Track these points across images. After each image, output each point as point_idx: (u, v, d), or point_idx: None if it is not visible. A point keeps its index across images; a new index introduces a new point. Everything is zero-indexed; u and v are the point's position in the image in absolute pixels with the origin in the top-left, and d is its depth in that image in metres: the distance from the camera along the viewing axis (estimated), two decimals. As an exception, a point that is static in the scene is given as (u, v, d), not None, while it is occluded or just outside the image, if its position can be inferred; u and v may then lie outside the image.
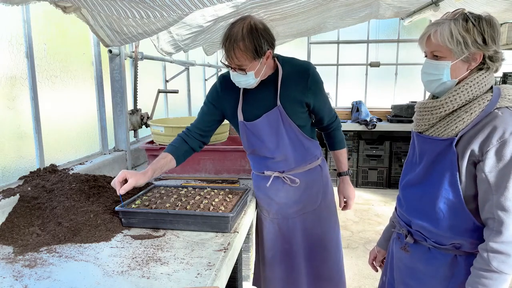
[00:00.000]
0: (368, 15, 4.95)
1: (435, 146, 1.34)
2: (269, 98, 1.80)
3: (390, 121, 5.54)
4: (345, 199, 2.11)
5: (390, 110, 5.78)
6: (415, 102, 5.82)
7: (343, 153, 2.08)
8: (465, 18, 1.25)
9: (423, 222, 1.39)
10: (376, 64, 6.13)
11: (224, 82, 1.86)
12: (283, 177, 1.90)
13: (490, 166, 1.20)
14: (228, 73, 1.83)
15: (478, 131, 1.23)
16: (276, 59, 1.83)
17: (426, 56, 1.34)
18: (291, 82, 1.79)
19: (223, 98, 1.87)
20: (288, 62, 1.84)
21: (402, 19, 5.47)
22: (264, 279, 2.08)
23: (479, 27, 1.23)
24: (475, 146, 1.23)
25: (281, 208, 1.95)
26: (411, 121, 6.25)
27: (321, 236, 2.00)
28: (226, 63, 1.67)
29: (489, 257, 1.19)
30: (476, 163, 1.25)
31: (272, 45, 1.69)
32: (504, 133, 1.18)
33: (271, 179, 1.89)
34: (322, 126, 1.99)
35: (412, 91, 6.19)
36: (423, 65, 1.35)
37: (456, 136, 1.28)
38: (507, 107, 1.23)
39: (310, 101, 1.81)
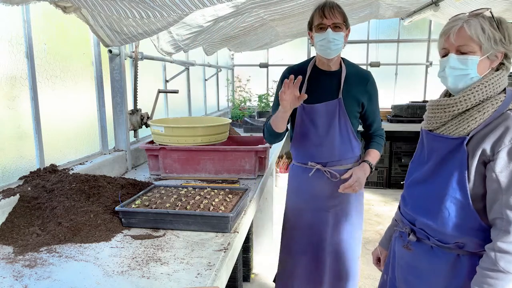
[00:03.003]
0: (368, 15, 4.95)
1: (445, 144, 1.34)
2: (331, 90, 2.01)
3: (390, 121, 5.54)
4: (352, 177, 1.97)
5: (390, 110, 5.78)
6: (415, 102, 5.83)
7: (376, 152, 2.12)
8: (491, 17, 1.27)
9: (428, 220, 1.40)
10: (376, 64, 6.13)
11: (292, 72, 1.99)
12: (324, 170, 2.04)
13: (501, 166, 1.21)
14: (294, 66, 2.11)
15: (490, 131, 1.24)
16: (342, 59, 2.07)
17: (445, 55, 1.32)
18: (353, 82, 2.01)
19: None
20: (352, 65, 2.09)
21: (402, 19, 5.47)
22: (289, 271, 2.18)
23: (501, 27, 1.26)
24: (486, 146, 1.24)
25: (317, 200, 2.08)
26: (411, 121, 6.24)
27: (350, 234, 2.12)
28: (321, 24, 1.89)
29: (496, 257, 1.19)
30: (486, 162, 1.25)
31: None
32: None
33: (313, 170, 2.04)
34: (369, 132, 2.13)
35: (412, 91, 6.19)
36: (448, 60, 1.31)
37: (468, 135, 1.28)
38: None
39: (365, 102, 2.03)
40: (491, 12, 1.27)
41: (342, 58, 2.08)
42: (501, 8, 4.14)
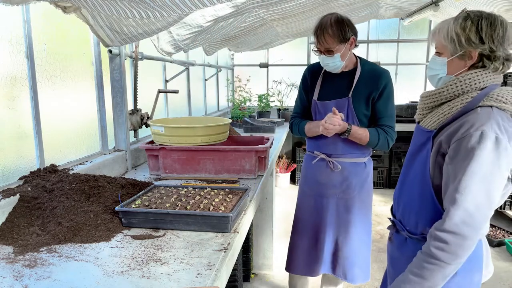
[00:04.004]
0: (368, 15, 4.95)
1: (420, 136, 1.40)
2: (343, 89, 2.13)
3: (390, 121, 5.54)
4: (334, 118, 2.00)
5: (390, 110, 5.77)
6: (415, 102, 5.83)
7: (365, 130, 2.11)
8: (466, 17, 1.28)
9: (401, 209, 1.46)
10: (376, 64, 6.13)
11: (312, 69, 2.27)
12: (328, 160, 2.21)
13: (450, 157, 1.24)
14: (314, 64, 2.27)
15: (452, 126, 1.27)
16: (358, 59, 2.17)
17: None
18: (366, 80, 2.10)
19: (310, 82, 2.25)
20: (369, 64, 2.18)
21: (402, 19, 5.47)
22: (293, 245, 2.40)
23: (477, 26, 1.26)
24: (444, 138, 1.27)
25: (320, 186, 2.26)
26: (411, 121, 6.24)
27: (349, 223, 2.25)
28: (317, 48, 2.06)
29: (430, 242, 1.22)
30: (445, 154, 1.28)
31: (355, 34, 2.06)
32: (471, 127, 1.20)
33: (317, 159, 2.25)
34: (376, 124, 2.18)
35: (412, 91, 6.19)
36: (429, 60, 1.44)
37: (436, 129, 1.32)
38: (491, 106, 1.24)
39: (375, 97, 2.11)
40: (468, 12, 1.30)
41: (359, 57, 2.19)
42: (501, 8, 4.14)
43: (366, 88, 2.10)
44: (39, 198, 1.60)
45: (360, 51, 6.30)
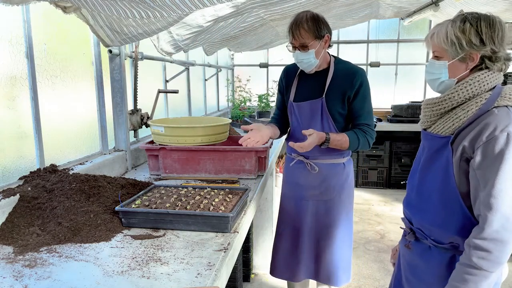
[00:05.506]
0: (368, 15, 4.95)
1: (434, 142, 1.37)
2: (317, 89, 2.10)
3: (390, 121, 5.54)
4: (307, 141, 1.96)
5: (390, 110, 5.78)
6: (415, 102, 5.83)
7: (344, 135, 2.02)
8: (463, 20, 1.28)
9: (420, 218, 1.42)
10: (376, 64, 6.13)
11: (287, 71, 2.25)
12: (306, 162, 2.18)
13: (478, 162, 1.22)
14: (290, 65, 2.23)
15: (472, 129, 1.25)
16: (332, 58, 2.13)
17: None
18: (340, 79, 2.06)
19: (286, 84, 2.24)
20: (343, 63, 2.14)
21: (402, 19, 5.47)
22: (274, 248, 2.39)
23: (476, 28, 1.25)
24: (467, 143, 1.25)
25: (299, 188, 2.23)
26: (411, 121, 6.24)
27: (330, 225, 2.21)
28: (292, 43, 2.02)
29: (471, 252, 1.20)
30: (469, 159, 1.26)
31: (330, 32, 2.04)
32: (495, 130, 1.19)
33: (294, 161, 2.23)
34: (354, 123, 2.12)
35: (412, 91, 6.19)
36: (427, 65, 1.41)
37: (453, 134, 1.30)
38: (506, 106, 1.24)
39: (351, 96, 2.06)
40: (464, 15, 1.29)
41: (334, 56, 2.16)
42: (501, 8, 4.14)
43: (341, 88, 2.05)
44: (39, 198, 1.60)
45: (360, 51, 6.32)
